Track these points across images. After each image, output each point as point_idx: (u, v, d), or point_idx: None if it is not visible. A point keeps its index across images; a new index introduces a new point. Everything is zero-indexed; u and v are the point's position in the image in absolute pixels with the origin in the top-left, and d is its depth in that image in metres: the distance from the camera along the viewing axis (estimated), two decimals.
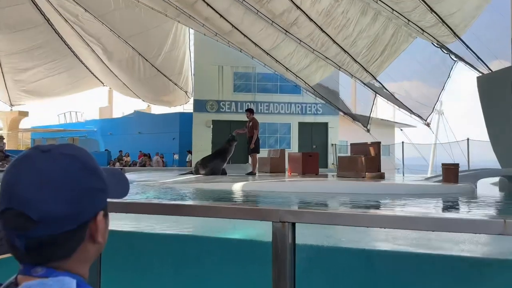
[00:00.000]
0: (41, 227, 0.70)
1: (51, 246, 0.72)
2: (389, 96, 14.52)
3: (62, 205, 0.71)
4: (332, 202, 6.25)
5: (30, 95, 23.41)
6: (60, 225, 0.71)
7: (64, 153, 0.76)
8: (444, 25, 10.70)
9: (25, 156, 0.75)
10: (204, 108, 20.47)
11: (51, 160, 0.74)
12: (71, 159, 0.75)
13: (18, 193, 0.71)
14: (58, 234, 0.71)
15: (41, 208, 0.70)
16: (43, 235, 0.70)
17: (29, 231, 0.70)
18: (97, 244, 0.79)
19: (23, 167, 0.73)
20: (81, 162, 0.76)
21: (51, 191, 0.71)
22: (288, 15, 12.07)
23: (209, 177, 9.59)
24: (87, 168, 0.77)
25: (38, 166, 0.73)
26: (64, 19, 18.73)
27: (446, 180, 7.81)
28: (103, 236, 0.79)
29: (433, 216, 1.44)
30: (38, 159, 0.74)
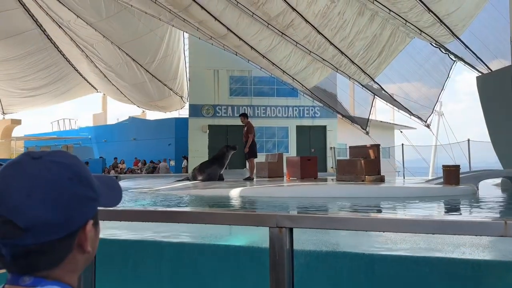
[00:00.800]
0: (29, 235, 0.69)
1: (39, 255, 0.71)
2: (388, 97, 14.41)
3: (50, 213, 0.70)
4: (331, 206, 6.13)
5: (22, 103, 23.19)
6: (48, 233, 0.70)
7: (54, 160, 0.75)
8: (442, 25, 10.58)
9: (15, 162, 0.75)
10: (200, 113, 20.28)
11: (42, 167, 0.73)
12: (62, 167, 0.75)
13: (6, 199, 0.70)
14: (45, 242, 0.70)
15: (29, 215, 0.69)
16: (30, 244, 0.69)
17: (16, 239, 0.69)
18: (86, 254, 0.77)
19: (13, 173, 0.73)
20: (72, 170, 0.76)
21: (40, 198, 0.70)
22: (284, 17, 11.93)
23: (206, 183, 9.43)
24: (77, 176, 0.76)
25: (28, 173, 0.72)
26: (57, 25, 18.54)
27: (447, 182, 7.71)
28: (93, 246, 0.78)
29: (434, 218, 1.41)
30: (28, 165, 0.73)
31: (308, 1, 11.19)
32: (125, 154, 23.02)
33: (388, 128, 24.96)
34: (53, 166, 0.74)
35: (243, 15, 12.48)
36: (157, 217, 1.81)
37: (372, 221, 1.48)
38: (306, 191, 7.66)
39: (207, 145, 19.92)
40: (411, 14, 10.51)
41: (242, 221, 1.65)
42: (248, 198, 6.99)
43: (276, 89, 20.41)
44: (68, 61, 21.50)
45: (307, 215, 1.56)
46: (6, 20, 18.23)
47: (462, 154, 13.64)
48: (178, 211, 1.84)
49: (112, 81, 21.71)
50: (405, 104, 14.19)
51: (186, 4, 12.31)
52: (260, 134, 19.84)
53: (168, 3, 12.64)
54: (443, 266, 2.22)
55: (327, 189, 8.30)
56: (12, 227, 0.68)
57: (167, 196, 7.36)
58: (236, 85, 20.67)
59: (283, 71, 15.04)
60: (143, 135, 24.09)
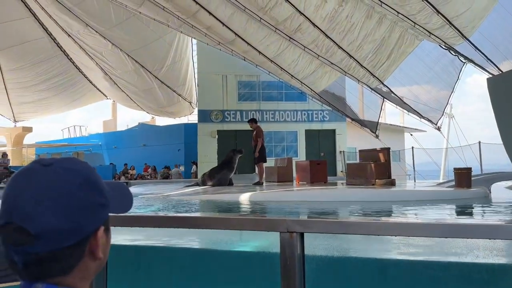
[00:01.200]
0: (40, 242, 0.69)
1: (50, 262, 0.71)
2: (397, 100, 14.30)
3: (61, 220, 0.71)
4: (342, 210, 6.09)
5: (33, 111, 23.47)
6: (59, 240, 0.71)
7: (65, 167, 0.76)
8: (451, 26, 10.50)
9: (27, 169, 0.76)
10: (209, 118, 20.33)
11: (52, 174, 0.74)
12: (72, 174, 0.75)
13: (18, 207, 0.71)
14: (57, 249, 0.71)
15: (40, 222, 0.69)
16: (42, 251, 0.70)
17: (27, 247, 0.69)
18: (98, 260, 0.77)
19: (24, 181, 0.73)
20: (83, 176, 0.76)
21: (51, 205, 0.71)
22: (291, 22, 11.94)
23: (216, 188, 9.44)
24: (88, 183, 0.76)
25: (39, 180, 0.73)
26: (67, 34, 18.76)
27: (459, 185, 7.64)
28: (104, 252, 0.79)
29: (447, 222, 1.39)
30: (40, 173, 0.74)
31: (316, 5, 11.18)
32: (135, 160, 23.14)
33: (398, 131, 24.80)
34: (63, 173, 0.75)
35: (251, 20, 12.51)
36: (167, 223, 1.80)
37: (383, 225, 1.47)
38: (316, 195, 7.62)
39: (216, 151, 19.94)
40: (419, 17, 10.44)
41: (252, 226, 1.64)
42: (258, 203, 6.98)
43: (284, 93, 20.40)
44: (78, 69, 21.73)
45: (318, 220, 1.55)
46: (17, 29, 18.49)
47: (474, 156, 13.48)
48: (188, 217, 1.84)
49: (122, 88, 21.88)
50: (414, 107, 14.07)
51: (194, 11, 12.39)
52: (269, 139, 19.82)
53: (177, 10, 12.72)
54: (456, 270, 2.19)
55: (337, 193, 8.25)
56: (24, 234, 0.69)
57: (178, 202, 7.38)
58: (244, 90, 20.71)
59: (291, 75, 15.03)
60: (153, 141, 24.21)
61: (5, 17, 17.87)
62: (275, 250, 1.51)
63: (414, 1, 9.81)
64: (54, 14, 17.55)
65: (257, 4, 11.37)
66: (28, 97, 21.87)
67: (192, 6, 12.20)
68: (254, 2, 11.35)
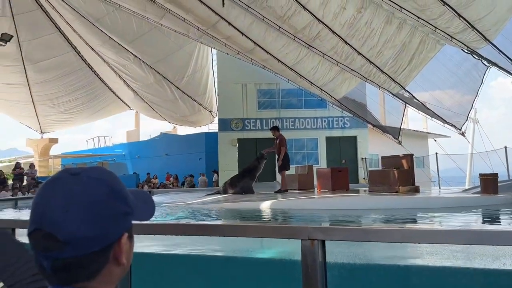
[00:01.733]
0: (68, 248, 0.73)
1: (77, 267, 0.74)
2: (420, 106, 14.08)
3: (88, 227, 0.74)
4: (364, 218, 6.01)
5: (59, 122, 24.07)
6: (85, 246, 0.74)
7: (92, 176, 0.79)
8: (474, 30, 10.31)
9: (55, 178, 0.79)
10: (229, 127, 20.45)
11: (80, 183, 0.77)
12: (99, 183, 0.79)
13: (47, 214, 0.74)
14: (83, 255, 0.74)
15: (68, 229, 0.73)
16: (69, 257, 0.73)
17: (56, 252, 0.73)
18: (122, 266, 0.80)
19: (53, 189, 0.77)
20: (108, 185, 0.79)
21: (79, 213, 0.74)
22: (310, 30, 11.94)
23: (237, 196, 9.46)
24: (114, 191, 0.80)
25: (67, 189, 0.76)
26: (90, 48, 19.27)
27: (485, 191, 7.50)
28: (127, 258, 0.82)
29: (472, 229, 1.40)
30: (68, 182, 0.77)
31: (335, 13, 11.17)
32: (158, 169, 23.43)
33: (422, 137, 24.40)
34: (90, 182, 0.78)
35: (270, 29, 12.58)
36: (189, 231, 1.83)
37: (406, 232, 1.45)
38: (338, 203, 7.56)
39: (237, 159, 20.02)
40: (440, 21, 10.30)
41: (273, 233, 1.64)
42: (279, 211, 6.96)
43: (304, 100, 20.36)
44: (102, 81, 22.24)
45: (339, 227, 1.54)
46: (45, 45, 19.11)
47: (500, 161, 13.12)
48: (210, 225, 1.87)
49: (144, 99, 22.28)
50: (438, 112, 13.82)
51: (214, 21, 12.55)
52: (289, 146, 19.72)
53: (197, 21, 12.92)
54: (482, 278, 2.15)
55: (359, 200, 8.16)
56: (53, 240, 0.73)
57: (199, 210, 7.43)
58: (264, 98, 20.77)
59: (311, 82, 15.01)
60: (175, 150, 24.47)
61: (34, 34, 18.52)
62: (297, 258, 1.50)
63: (434, 5, 9.70)
64: (78, 29, 18.07)
65: (276, 13, 11.44)
66: (54, 109, 22.48)
67: (212, 17, 12.37)
68: (272, 12, 11.42)
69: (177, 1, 12.01)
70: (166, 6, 12.75)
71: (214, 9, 12.06)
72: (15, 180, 16.81)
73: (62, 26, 18.73)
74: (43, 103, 21.89)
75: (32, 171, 18.22)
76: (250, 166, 10.71)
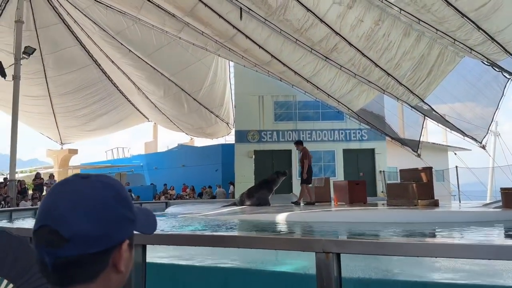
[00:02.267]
0: (71, 246, 0.74)
1: (77, 267, 0.76)
2: (439, 118, 13.88)
3: (92, 226, 0.76)
4: (381, 231, 5.92)
5: (79, 133, 24.52)
6: (88, 245, 0.76)
7: (100, 180, 0.83)
8: (494, 42, 10.16)
9: (65, 180, 0.83)
10: (246, 139, 20.49)
11: (88, 185, 0.81)
12: (107, 186, 0.82)
13: (53, 212, 0.77)
14: (84, 255, 0.75)
15: (73, 227, 0.75)
16: (71, 255, 0.74)
17: (59, 249, 0.74)
18: (120, 274, 0.81)
19: (61, 189, 0.80)
20: (115, 190, 0.83)
21: (85, 212, 0.76)
22: (327, 42, 11.96)
23: (253, 208, 9.44)
24: (120, 196, 0.83)
25: (75, 189, 0.79)
26: (110, 60, 19.68)
27: (507, 206, 7.33)
28: (126, 267, 0.83)
29: (490, 243, 1.34)
30: (77, 183, 0.81)
31: (352, 25, 11.17)
32: (175, 181, 23.56)
33: (441, 150, 24.00)
34: (98, 185, 0.82)
35: (287, 42, 12.65)
36: (205, 242, 1.82)
37: (423, 247, 1.42)
38: (355, 216, 7.47)
39: (253, 171, 20.01)
40: (459, 33, 10.20)
41: (288, 246, 1.62)
42: (295, 223, 6.91)
43: (321, 113, 20.30)
44: (122, 93, 22.64)
45: (355, 240, 1.52)
46: (66, 58, 19.61)
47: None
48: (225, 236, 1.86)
49: (162, 111, 22.56)
50: (457, 125, 13.60)
51: (231, 34, 12.69)
52: None
53: (215, 34, 13.09)
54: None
55: (377, 214, 8.06)
56: (57, 236, 0.75)
57: (215, 221, 7.43)
58: (281, 110, 20.80)
59: (328, 94, 14.98)
60: (191, 162, 24.61)
61: (56, 47, 19.03)
62: (311, 271, 1.47)
63: (453, 18, 9.61)
64: (99, 42, 18.50)
65: (293, 26, 11.50)
66: (74, 120, 22.94)
67: (230, 30, 12.51)
68: (289, 25, 11.49)
69: (196, 15, 12.21)
70: (185, 20, 12.97)
71: (232, 22, 12.21)
72: (35, 190, 17.12)
73: (83, 39, 19.21)
74: (64, 114, 22.37)
75: (51, 181, 18.53)
76: (268, 178, 10.71)
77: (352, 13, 10.91)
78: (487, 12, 9.19)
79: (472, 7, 9.15)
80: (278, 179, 10.46)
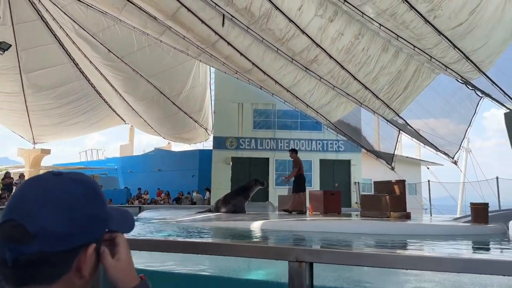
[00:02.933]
0: (35, 242, 0.71)
1: (39, 265, 0.72)
2: (413, 133, 14.20)
3: (60, 224, 0.73)
4: (354, 242, 5.99)
5: (53, 133, 23.94)
6: (54, 243, 0.73)
7: (73, 178, 0.81)
8: (468, 61, 10.49)
9: (37, 176, 0.81)
10: (224, 145, 20.45)
11: (60, 182, 0.79)
12: (79, 184, 0.80)
13: (21, 206, 0.74)
14: (48, 253, 0.72)
15: (40, 223, 0.72)
16: (34, 252, 0.71)
17: (22, 245, 0.71)
18: (82, 279, 0.78)
19: (32, 185, 0.78)
20: (88, 188, 0.81)
21: (53, 209, 0.74)
22: (308, 53, 12.09)
23: (228, 215, 9.40)
24: (93, 195, 0.81)
25: (46, 185, 0.77)
26: (89, 60, 19.35)
27: (476, 221, 7.53)
28: (90, 273, 0.80)
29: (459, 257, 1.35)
30: (48, 180, 0.79)
31: (332, 38, 11.34)
32: (150, 185, 23.26)
33: (415, 164, 24.51)
34: (70, 183, 0.80)
35: (268, 51, 12.73)
36: (177, 248, 1.79)
37: (395, 258, 1.43)
38: (329, 226, 7.52)
39: (230, 177, 19.95)
40: (436, 51, 10.48)
41: (260, 254, 1.61)
42: (269, 232, 6.92)
43: (299, 122, 20.46)
44: (99, 94, 22.25)
45: (328, 250, 1.50)
46: (43, 55, 19.18)
47: (492, 192, 13.21)
48: (198, 242, 1.83)
49: (140, 113, 22.27)
50: (431, 140, 13.93)
51: (213, 41, 12.68)
52: (282, 167, 19.80)
53: (197, 40, 13.05)
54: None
55: (350, 224, 8.14)
56: (22, 231, 0.72)
57: (189, 227, 7.35)
58: (260, 118, 20.86)
59: (307, 105, 15.12)
60: (168, 166, 24.36)
61: (32, 43, 18.58)
62: (284, 280, 1.47)
63: (430, 35, 9.88)
64: (77, 41, 18.18)
65: (275, 35, 11.59)
66: (48, 119, 22.38)
67: (212, 36, 12.51)
68: (272, 34, 11.57)
69: (178, 19, 12.15)
70: (167, 24, 12.89)
71: (214, 28, 12.21)
72: (3, 190, 16.59)
73: (62, 38, 18.84)
74: (38, 113, 21.81)
75: (21, 181, 17.97)
76: (245, 185, 10.69)
77: (333, 26, 11.08)
78: (463, 31, 9.49)
79: (448, 26, 9.43)
80: (255, 187, 10.46)
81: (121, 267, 0.85)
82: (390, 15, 9.57)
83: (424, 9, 9.17)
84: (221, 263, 2.67)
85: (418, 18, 9.40)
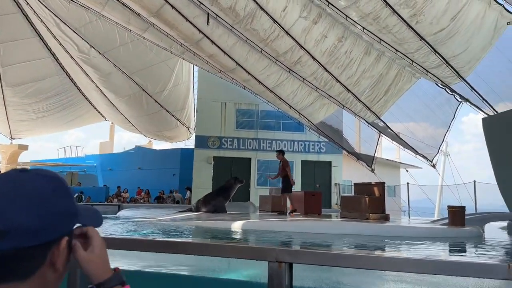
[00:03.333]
0: (7, 238, 0.71)
1: (12, 262, 0.72)
2: (393, 136, 14.41)
3: (32, 219, 0.73)
4: (334, 243, 6.04)
5: (31, 128, 23.43)
6: (25, 239, 0.72)
7: (40, 173, 0.81)
8: (448, 66, 10.71)
9: (4, 173, 0.81)
10: (206, 145, 20.35)
11: (28, 178, 0.79)
12: (47, 179, 0.80)
13: None
14: (21, 248, 0.72)
15: (10, 219, 0.72)
16: (7, 248, 0.71)
17: None
18: (57, 273, 0.79)
19: (0, 182, 0.77)
20: (56, 183, 0.81)
21: (23, 204, 0.74)
22: (292, 54, 12.15)
23: (209, 215, 9.36)
24: (61, 189, 0.81)
25: (14, 182, 0.77)
26: (69, 55, 19.01)
27: (453, 223, 7.67)
28: (64, 266, 0.81)
29: (436, 259, 1.39)
30: (16, 177, 0.79)
31: (316, 40, 11.42)
32: (129, 183, 22.98)
33: (394, 166, 24.86)
34: (38, 178, 0.80)
35: (252, 51, 12.74)
36: (156, 247, 1.77)
37: (374, 260, 1.45)
38: (309, 227, 7.57)
39: (211, 177, 19.87)
40: (417, 55, 10.66)
41: (240, 254, 1.61)
42: (249, 232, 6.92)
43: (282, 123, 20.52)
44: (79, 89, 21.87)
45: (308, 251, 1.52)
46: (22, 49, 18.75)
47: (468, 195, 13.49)
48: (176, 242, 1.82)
49: (120, 110, 21.99)
50: (410, 143, 14.16)
51: (197, 39, 12.62)
52: (264, 168, 19.82)
53: (180, 37, 12.96)
54: None
55: (330, 225, 8.21)
56: None
57: (169, 227, 7.29)
58: (242, 118, 20.84)
59: (289, 105, 15.18)
60: (148, 165, 24.11)
61: (11, 36, 18.14)
62: (263, 280, 1.47)
63: (412, 40, 10.04)
64: (58, 35, 17.84)
65: (259, 36, 11.60)
66: (26, 114, 21.88)
67: (196, 34, 12.44)
68: (256, 34, 11.58)
69: (162, 16, 12.05)
70: (150, 20, 12.76)
71: (198, 27, 12.15)
72: None
73: (42, 32, 18.46)
74: (16, 107, 21.30)
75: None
76: (225, 185, 10.66)
77: (317, 29, 11.16)
78: (444, 37, 9.68)
79: (430, 31, 9.61)
80: (235, 185, 10.44)
81: (93, 259, 0.86)
82: (373, 19, 9.69)
83: (407, 14, 9.32)
84: (201, 263, 2.66)
85: (401, 22, 9.55)
